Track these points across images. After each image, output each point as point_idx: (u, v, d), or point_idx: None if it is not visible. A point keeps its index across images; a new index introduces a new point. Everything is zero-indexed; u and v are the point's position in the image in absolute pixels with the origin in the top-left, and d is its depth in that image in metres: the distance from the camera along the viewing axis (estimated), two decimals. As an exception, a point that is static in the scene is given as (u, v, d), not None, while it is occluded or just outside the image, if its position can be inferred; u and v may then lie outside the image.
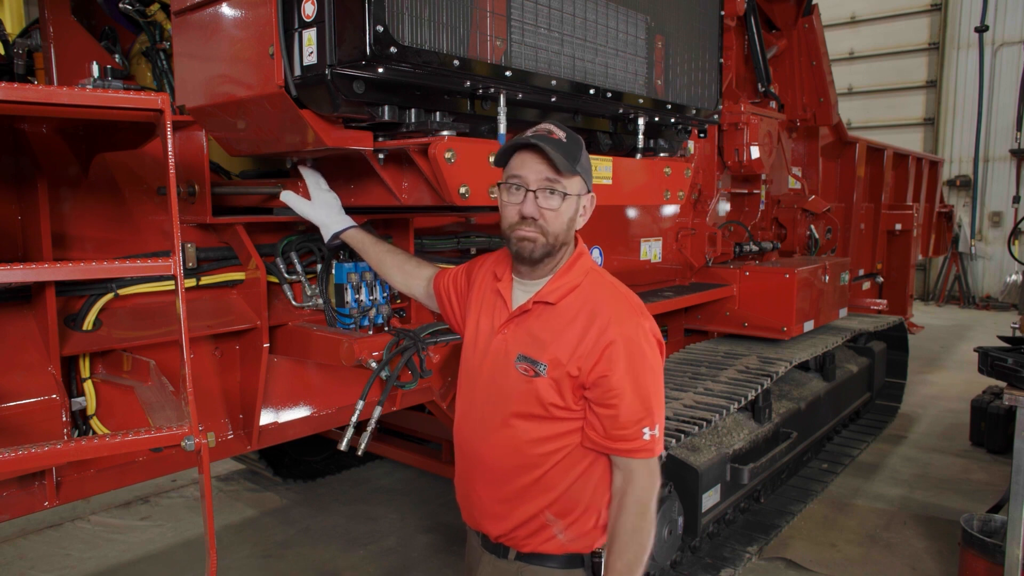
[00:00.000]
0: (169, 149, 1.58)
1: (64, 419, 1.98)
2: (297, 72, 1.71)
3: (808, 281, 4.35)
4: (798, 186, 5.90)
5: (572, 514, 1.66)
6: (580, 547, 1.68)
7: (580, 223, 1.69)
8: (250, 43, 1.78)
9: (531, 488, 1.66)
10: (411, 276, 2.12)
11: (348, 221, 2.20)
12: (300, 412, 2.56)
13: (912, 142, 13.40)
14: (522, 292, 1.70)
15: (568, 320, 1.61)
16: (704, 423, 3.18)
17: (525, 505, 1.67)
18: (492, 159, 1.71)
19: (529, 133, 1.60)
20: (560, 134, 1.60)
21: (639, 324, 1.61)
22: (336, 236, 2.18)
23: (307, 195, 2.21)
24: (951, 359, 8.72)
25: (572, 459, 1.64)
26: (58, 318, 1.99)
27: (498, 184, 1.68)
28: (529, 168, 1.58)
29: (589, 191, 1.69)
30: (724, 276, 4.41)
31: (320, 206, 2.19)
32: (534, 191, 1.58)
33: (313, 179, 2.22)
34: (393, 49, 1.64)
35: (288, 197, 2.20)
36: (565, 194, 1.60)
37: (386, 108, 1.81)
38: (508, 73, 1.92)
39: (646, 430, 1.59)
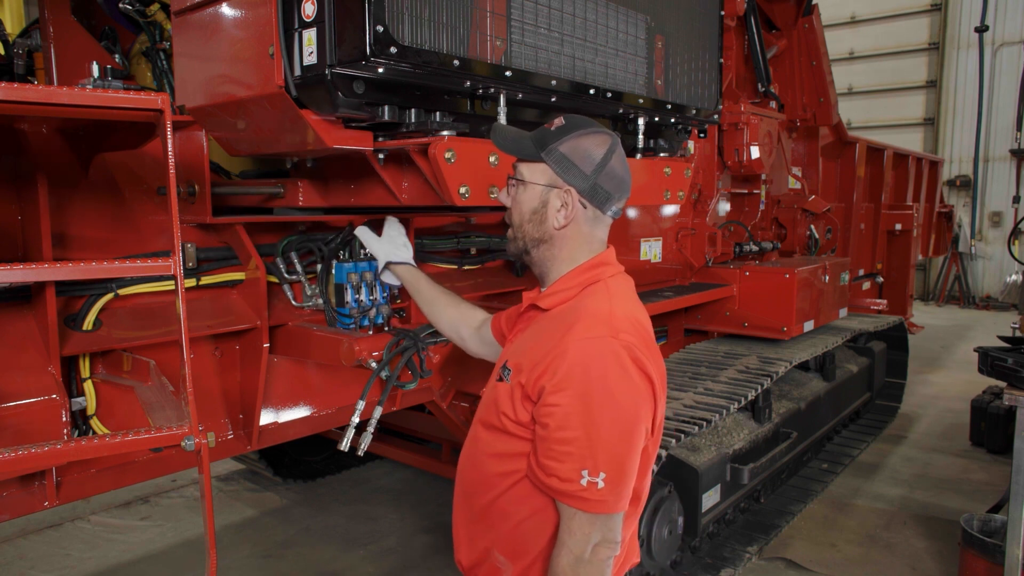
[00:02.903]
0: (169, 149, 1.58)
1: (64, 419, 1.98)
2: (297, 72, 1.71)
3: (808, 281, 4.35)
4: (798, 186, 5.89)
5: (523, 560, 1.44)
6: None
7: (558, 221, 1.47)
8: (250, 43, 1.78)
9: (485, 513, 1.48)
10: (460, 323, 2.00)
11: (407, 256, 2.32)
12: (300, 412, 2.56)
13: (912, 142, 13.40)
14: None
15: (549, 328, 1.44)
16: (704, 423, 3.18)
17: (480, 536, 1.51)
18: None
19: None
20: (556, 122, 1.49)
21: (608, 340, 1.34)
22: (389, 266, 2.31)
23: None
24: (951, 359, 8.72)
25: (525, 489, 1.42)
26: (58, 318, 1.99)
27: None
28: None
29: (576, 187, 1.46)
30: (724, 276, 4.41)
31: (387, 241, 2.35)
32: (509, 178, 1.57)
33: (389, 222, 2.42)
34: (393, 49, 1.64)
35: (362, 232, 2.38)
36: (522, 181, 1.51)
37: (386, 108, 1.81)
38: (508, 73, 1.93)
39: (584, 473, 1.29)
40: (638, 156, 2.55)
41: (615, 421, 1.32)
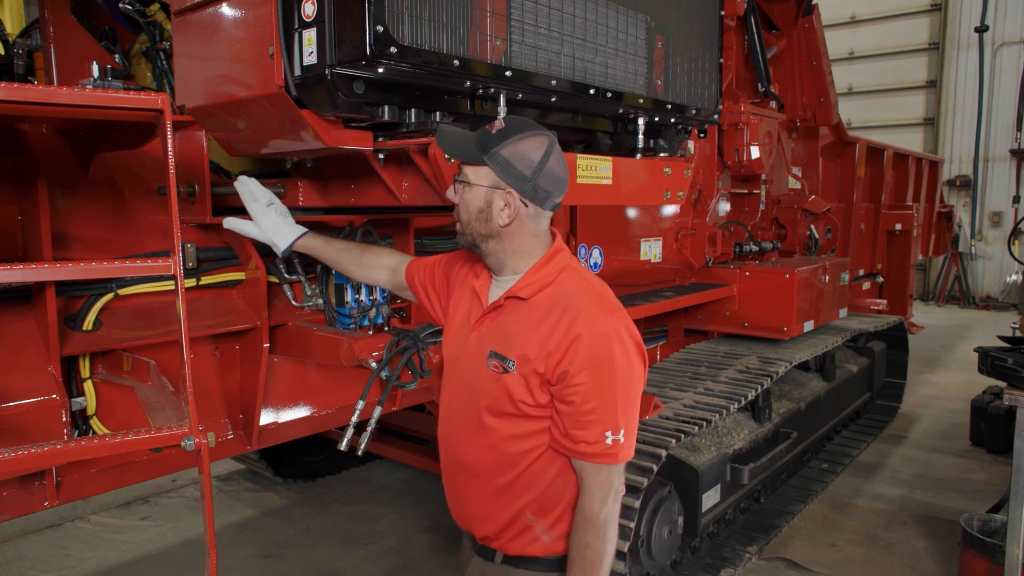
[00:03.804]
0: (169, 149, 1.58)
1: (64, 419, 1.98)
2: (297, 72, 1.71)
3: (808, 281, 4.35)
4: (798, 186, 5.89)
5: (553, 513, 1.64)
6: (564, 548, 1.66)
7: (502, 219, 1.58)
8: (250, 43, 1.78)
9: (511, 487, 1.63)
10: (369, 267, 2.07)
11: (296, 230, 2.10)
12: (300, 412, 2.56)
13: (912, 142, 13.40)
14: (497, 289, 1.69)
15: (539, 317, 1.58)
16: (704, 423, 3.18)
17: (507, 506, 1.65)
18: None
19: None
20: (496, 125, 1.58)
21: (610, 322, 1.55)
22: (288, 250, 2.10)
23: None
24: (951, 359, 8.72)
25: (549, 457, 1.62)
26: (58, 318, 1.99)
27: None
28: None
29: (516, 189, 1.57)
30: (724, 276, 4.40)
31: (262, 222, 2.08)
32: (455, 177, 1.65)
33: (248, 193, 2.10)
34: (393, 49, 1.64)
35: (231, 223, 2.12)
36: (467, 183, 1.61)
37: (386, 108, 1.81)
38: (508, 73, 1.93)
39: (608, 434, 1.53)
40: (638, 156, 2.55)
41: (625, 387, 1.56)
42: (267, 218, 2.09)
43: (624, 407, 1.56)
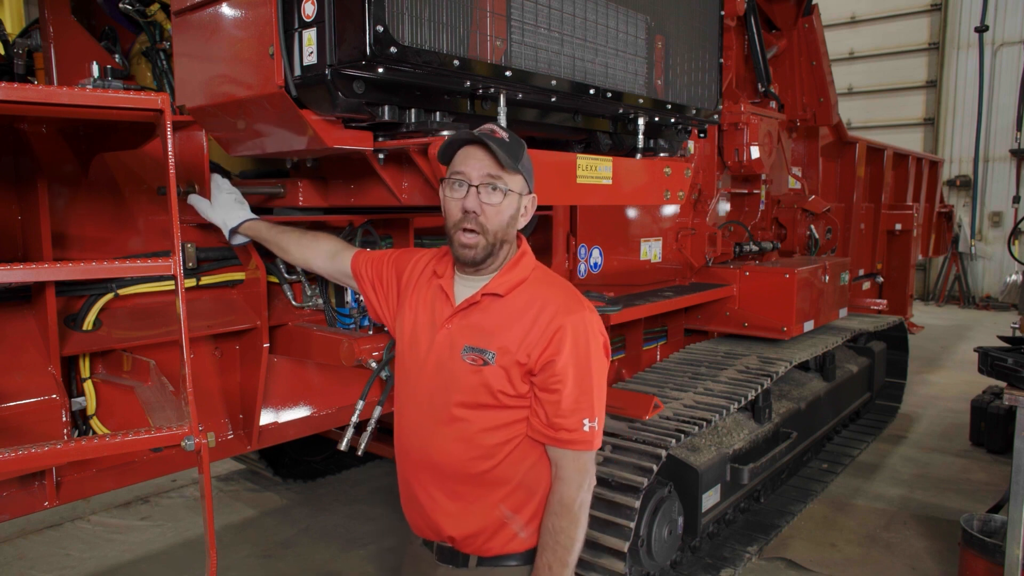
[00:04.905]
0: (169, 149, 1.58)
1: (64, 419, 1.98)
2: (297, 72, 1.71)
3: (808, 281, 4.35)
4: (798, 186, 5.89)
5: (528, 506, 1.67)
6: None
7: (520, 223, 1.69)
8: (250, 43, 1.78)
9: (484, 480, 1.65)
10: (309, 248, 2.10)
11: (246, 214, 2.17)
12: (300, 412, 2.56)
13: (912, 142, 13.40)
14: (465, 288, 1.70)
15: (516, 311, 1.63)
16: (704, 423, 3.18)
17: (481, 500, 1.66)
18: (438, 153, 1.69)
19: (475, 131, 1.61)
20: (503, 134, 1.61)
21: (587, 317, 1.64)
22: (234, 232, 2.16)
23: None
24: (951, 359, 8.72)
25: (523, 450, 1.66)
26: (58, 318, 1.99)
27: (441, 180, 1.68)
28: (472, 164, 1.60)
29: (531, 192, 1.70)
30: (724, 276, 4.40)
31: (219, 206, 2.17)
32: (476, 186, 1.60)
33: (216, 185, 2.20)
34: (393, 49, 1.64)
35: (194, 200, 2.20)
36: (507, 191, 1.61)
37: (386, 108, 1.81)
38: (508, 73, 1.93)
39: (586, 421, 1.61)
40: (638, 156, 2.55)
41: (599, 378, 1.65)
42: (225, 202, 2.17)
43: (598, 395, 1.64)
